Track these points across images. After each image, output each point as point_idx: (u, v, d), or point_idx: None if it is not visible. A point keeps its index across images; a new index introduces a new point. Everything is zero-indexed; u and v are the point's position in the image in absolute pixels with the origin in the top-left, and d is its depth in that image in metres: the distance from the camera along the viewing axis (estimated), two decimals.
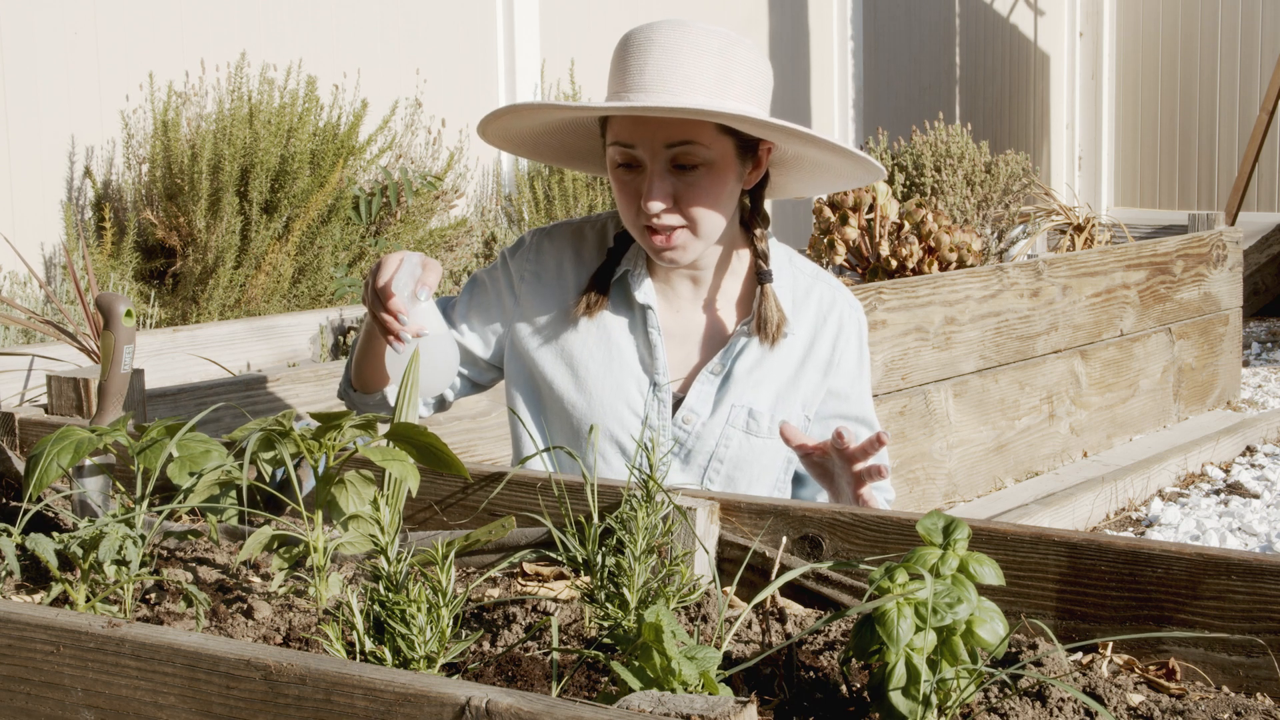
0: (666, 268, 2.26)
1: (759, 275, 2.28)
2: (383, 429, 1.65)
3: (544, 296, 2.32)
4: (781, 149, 2.25)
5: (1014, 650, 1.41)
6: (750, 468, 2.27)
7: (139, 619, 1.51)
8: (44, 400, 2.53)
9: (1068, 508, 4.07)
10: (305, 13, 6.17)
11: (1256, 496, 4.49)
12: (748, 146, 2.19)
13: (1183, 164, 10.57)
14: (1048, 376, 4.94)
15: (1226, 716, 1.31)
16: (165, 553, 1.72)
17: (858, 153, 2.20)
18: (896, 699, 1.23)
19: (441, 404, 2.38)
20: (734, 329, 2.30)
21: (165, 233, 5.24)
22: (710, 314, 2.31)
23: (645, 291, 2.28)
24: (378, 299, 2.07)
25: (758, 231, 2.29)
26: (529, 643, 1.43)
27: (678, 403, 2.29)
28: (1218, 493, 4.56)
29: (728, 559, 1.66)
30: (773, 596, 1.55)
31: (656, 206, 2.13)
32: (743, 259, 2.32)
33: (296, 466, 1.76)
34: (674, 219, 2.16)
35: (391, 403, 2.29)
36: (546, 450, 2.27)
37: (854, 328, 2.34)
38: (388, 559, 1.36)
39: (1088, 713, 1.29)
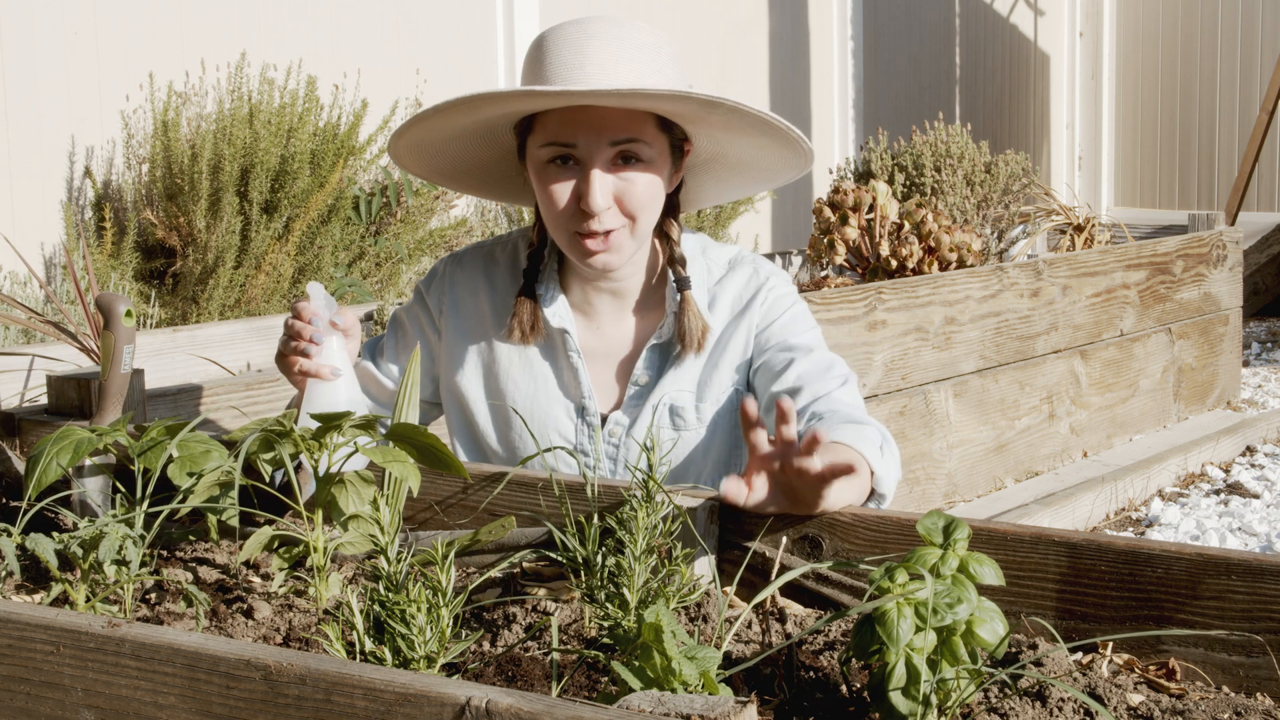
0: (596, 272, 2.17)
1: (677, 282, 2.21)
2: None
3: (464, 328, 2.27)
4: (699, 150, 2.21)
5: (1014, 650, 1.41)
6: (692, 462, 2.23)
7: (139, 619, 1.51)
8: (44, 400, 2.53)
9: (1068, 508, 4.07)
10: (305, 13, 6.17)
11: (1256, 496, 4.49)
12: (676, 146, 2.16)
13: (1183, 164, 10.57)
14: (1048, 376, 4.94)
15: (1226, 716, 1.31)
16: (165, 553, 1.72)
17: (793, 130, 2.11)
18: (896, 699, 1.23)
19: None
20: (650, 337, 2.23)
21: (165, 233, 5.24)
22: (629, 326, 2.25)
23: (560, 315, 2.22)
24: (291, 320, 1.97)
25: (674, 235, 2.23)
26: (529, 643, 1.43)
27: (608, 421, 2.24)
28: (1218, 493, 4.56)
29: (728, 559, 1.66)
30: (773, 596, 1.55)
31: (601, 205, 2.07)
32: (655, 264, 2.26)
33: (297, 468, 1.76)
34: (614, 219, 2.10)
35: None
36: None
37: (776, 302, 2.24)
38: (388, 559, 1.36)
39: (1088, 713, 1.29)
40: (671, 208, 2.23)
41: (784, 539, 1.64)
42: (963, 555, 1.29)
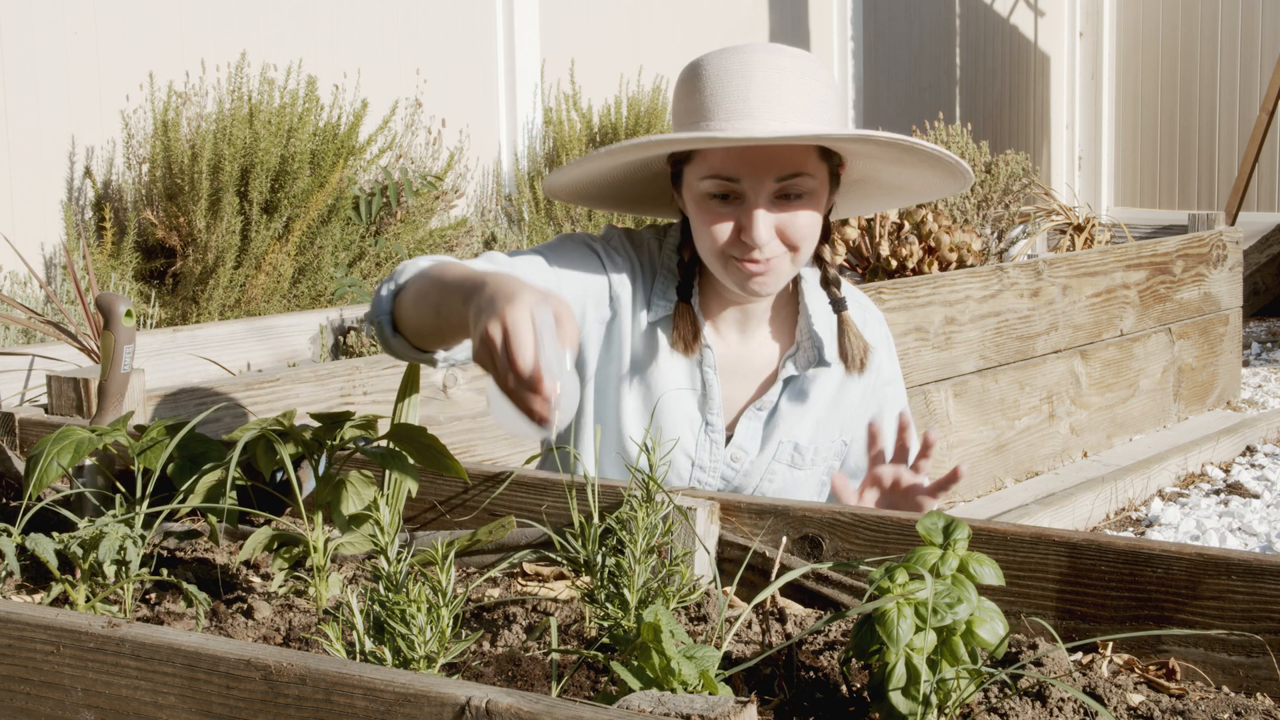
0: (746, 295, 2.15)
1: (833, 304, 2.22)
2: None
3: (619, 306, 2.21)
4: (850, 170, 2.19)
5: (1014, 650, 1.41)
6: (793, 495, 2.24)
7: (139, 619, 1.51)
8: (44, 400, 2.53)
9: (1068, 508, 4.07)
10: (305, 13, 6.17)
11: (1256, 496, 4.49)
12: (833, 173, 2.14)
13: (1183, 164, 10.57)
14: (1048, 376, 4.94)
15: (1226, 716, 1.31)
16: (165, 553, 1.72)
17: (960, 162, 2.11)
18: (896, 699, 1.23)
19: None
20: (779, 362, 2.24)
21: (165, 233, 5.24)
22: (756, 347, 2.25)
23: (706, 331, 2.21)
24: (519, 380, 1.52)
25: (827, 258, 2.23)
26: (529, 643, 1.43)
27: (727, 438, 2.23)
28: (1218, 493, 4.56)
29: (728, 559, 1.66)
30: (773, 596, 1.55)
31: (765, 239, 2.05)
32: (787, 287, 2.25)
33: (297, 468, 1.76)
34: (776, 248, 2.08)
35: (446, 361, 1.90)
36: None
37: (884, 340, 2.31)
38: (387, 559, 1.36)
39: (1088, 713, 1.29)
40: (825, 230, 2.22)
41: (784, 539, 1.64)
42: (963, 555, 1.29)
